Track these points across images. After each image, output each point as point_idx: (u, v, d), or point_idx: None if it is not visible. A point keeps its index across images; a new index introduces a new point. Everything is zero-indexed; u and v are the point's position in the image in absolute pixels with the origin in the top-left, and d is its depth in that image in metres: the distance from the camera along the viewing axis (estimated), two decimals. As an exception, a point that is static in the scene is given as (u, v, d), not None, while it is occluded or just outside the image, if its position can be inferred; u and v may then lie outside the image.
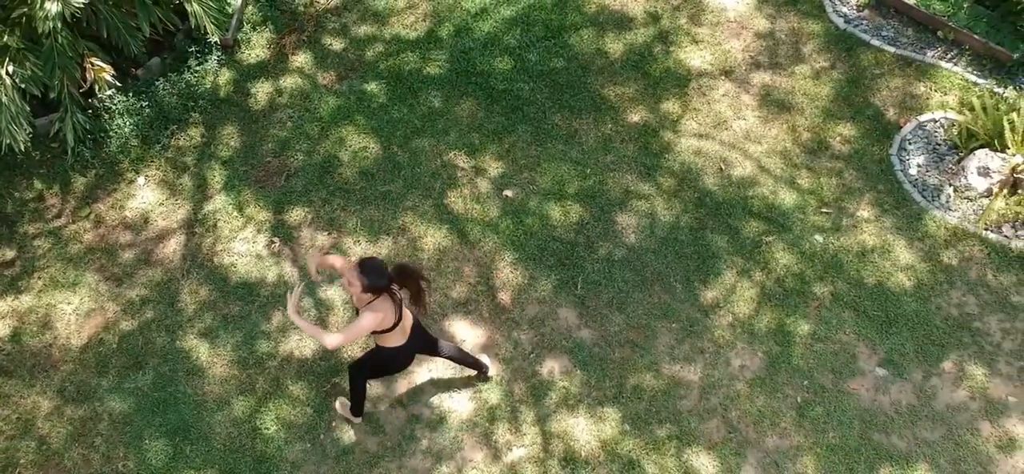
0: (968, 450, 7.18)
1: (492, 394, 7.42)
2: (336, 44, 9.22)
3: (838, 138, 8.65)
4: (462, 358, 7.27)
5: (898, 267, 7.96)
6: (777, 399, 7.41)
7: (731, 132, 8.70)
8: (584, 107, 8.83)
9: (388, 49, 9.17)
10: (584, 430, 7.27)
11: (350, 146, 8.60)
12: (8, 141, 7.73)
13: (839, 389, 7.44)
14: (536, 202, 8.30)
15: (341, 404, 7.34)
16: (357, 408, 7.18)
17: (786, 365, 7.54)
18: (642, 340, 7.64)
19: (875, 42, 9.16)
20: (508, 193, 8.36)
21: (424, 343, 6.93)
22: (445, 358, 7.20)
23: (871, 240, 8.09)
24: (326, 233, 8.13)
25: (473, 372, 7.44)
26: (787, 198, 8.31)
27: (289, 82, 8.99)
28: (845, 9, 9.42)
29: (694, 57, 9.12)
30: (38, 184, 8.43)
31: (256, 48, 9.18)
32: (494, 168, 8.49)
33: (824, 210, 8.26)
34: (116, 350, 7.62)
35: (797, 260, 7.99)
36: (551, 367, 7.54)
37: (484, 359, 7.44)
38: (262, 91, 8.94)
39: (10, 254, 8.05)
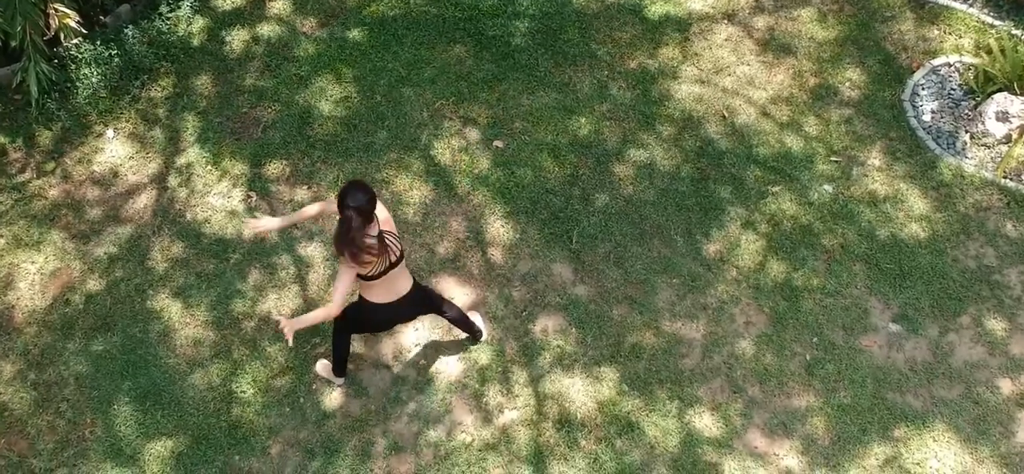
0: (988, 408, 6.77)
1: (482, 354, 6.99)
2: (316, -11, 8.75)
3: (847, 83, 8.20)
4: (463, 321, 6.83)
5: (912, 217, 7.52)
6: (784, 357, 6.98)
7: (734, 78, 8.24)
8: (579, 53, 8.36)
9: (371, -6, 8.71)
10: (580, 391, 6.85)
11: (331, 96, 8.14)
12: (-34, 91, 7.27)
13: (850, 346, 7.01)
14: (528, 153, 7.85)
15: (322, 365, 6.91)
16: (339, 368, 6.76)
17: (794, 321, 7.11)
18: (641, 296, 7.21)
19: (885, -17, 8.70)
20: (498, 144, 7.91)
21: (416, 310, 6.52)
22: (448, 319, 6.76)
23: (883, 189, 7.65)
24: (305, 187, 7.68)
25: (465, 335, 7.01)
26: (794, 146, 7.87)
27: (266, 29, 8.52)
28: (853, -51, 8.96)
29: None
30: (0, 138, 7.97)
31: (232, -6, 8.71)
32: (483, 117, 8.04)
33: (833, 158, 7.81)
34: (83, 311, 7.18)
35: (805, 211, 7.56)
36: (545, 325, 7.11)
37: (479, 323, 7.02)
38: (238, 39, 8.47)
39: (-30, 211, 7.62)
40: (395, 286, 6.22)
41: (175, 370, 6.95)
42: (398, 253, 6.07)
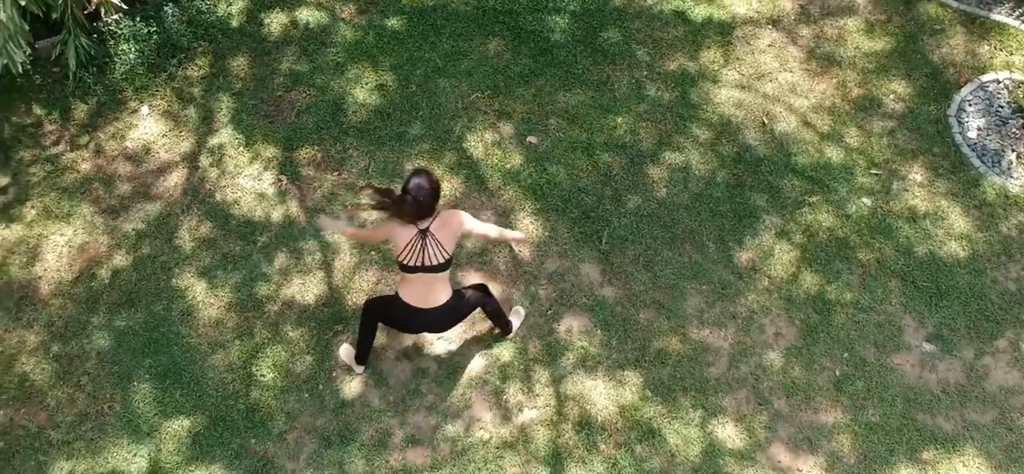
0: (1022, 435, 6.56)
1: (505, 351, 6.89)
2: (357, -24, 8.69)
3: (891, 96, 8.00)
4: (499, 315, 6.74)
5: (952, 235, 7.32)
6: (813, 371, 6.81)
7: (775, 85, 8.08)
8: (618, 52, 8.24)
9: (412, -17, 8.64)
10: (602, 394, 6.73)
11: (366, 83, 8.08)
12: (4, 61, 7.26)
13: (882, 364, 6.83)
14: (562, 150, 7.74)
15: (346, 351, 6.85)
16: (362, 355, 6.69)
17: (825, 335, 6.94)
18: (669, 301, 7.07)
19: (936, -5, 8.49)
20: (532, 139, 7.80)
21: (451, 322, 6.40)
22: (487, 313, 6.66)
23: (923, 205, 7.46)
24: (335, 173, 7.62)
25: (496, 329, 6.91)
26: (834, 157, 7.69)
27: (305, 14, 8.47)
28: (904, -41, 8.74)
29: (740, 3, 8.49)
30: (37, 109, 7.98)
31: (273, -23, 8.67)
32: (518, 112, 7.94)
33: (873, 171, 7.62)
34: (108, 286, 7.17)
35: (842, 223, 7.38)
36: (569, 325, 7.00)
37: (516, 321, 6.92)
38: (276, 22, 8.43)
39: (3, 181, 7.61)
40: (430, 292, 6.16)
41: (196, 350, 6.92)
42: (439, 260, 6.01)
